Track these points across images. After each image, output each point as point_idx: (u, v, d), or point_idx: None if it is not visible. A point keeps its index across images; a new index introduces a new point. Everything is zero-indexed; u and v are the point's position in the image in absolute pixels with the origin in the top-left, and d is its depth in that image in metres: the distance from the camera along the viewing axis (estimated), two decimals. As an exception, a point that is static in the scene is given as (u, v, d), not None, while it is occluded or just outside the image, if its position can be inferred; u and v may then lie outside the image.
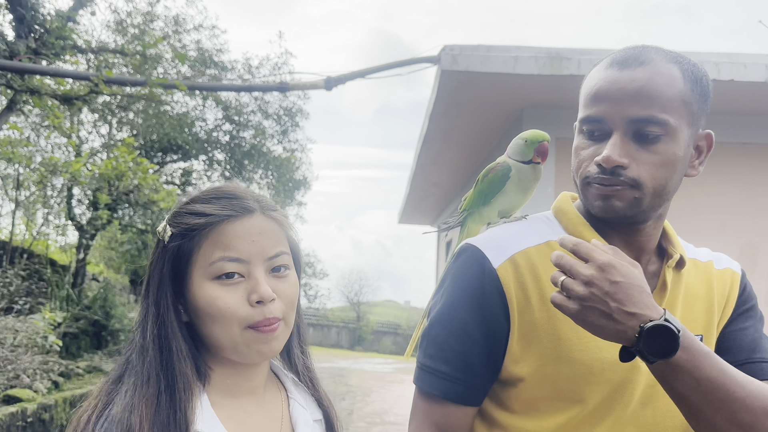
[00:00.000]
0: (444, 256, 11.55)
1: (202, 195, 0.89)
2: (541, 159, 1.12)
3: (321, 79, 4.64)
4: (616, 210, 0.96)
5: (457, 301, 1.02)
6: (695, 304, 1.05)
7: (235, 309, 0.84)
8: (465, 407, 1.02)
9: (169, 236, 0.86)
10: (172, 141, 10.53)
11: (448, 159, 7.42)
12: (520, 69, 4.47)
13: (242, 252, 0.85)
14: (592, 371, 0.97)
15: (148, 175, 7.59)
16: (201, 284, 0.85)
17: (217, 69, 10.71)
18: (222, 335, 0.85)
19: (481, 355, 1.00)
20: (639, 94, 0.93)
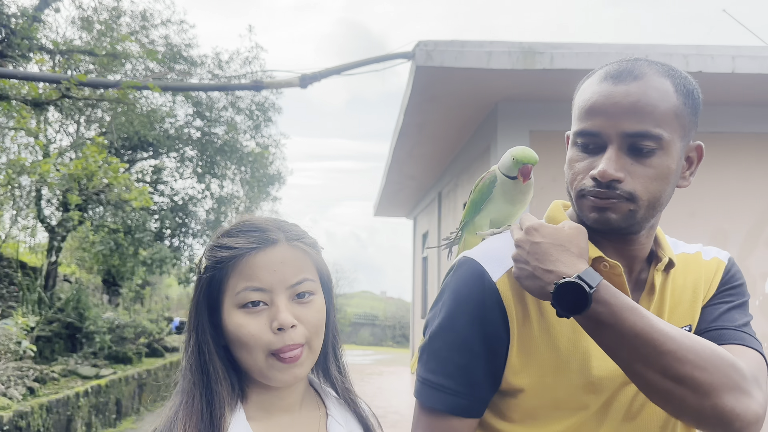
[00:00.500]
0: (420, 246, 11.61)
1: (231, 229, 0.96)
2: (523, 179, 1.13)
3: (296, 77, 4.61)
4: (610, 222, 0.98)
5: (457, 314, 1.02)
6: (683, 297, 1.07)
7: (258, 336, 0.90)
8: (468, 420, 1.03)
9: (204, 267, 0.93)
10: (142, 138, 10.36)
11: (423, 152, 7.45)
12: (493, 64, 4.51)
13: (264, 281, 0.91)
14: (589, 380, 0.99)
15: (119, 174, 7.46)
16: (230, 312, 0.91)
17: (187, 64, 10.55)
18: (248, 360, 0.91)
19: (482, 368, 1.01)
20: (634, 109, 0.95)
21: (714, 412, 0.87)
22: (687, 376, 0.87)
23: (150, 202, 7.79)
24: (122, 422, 7.58)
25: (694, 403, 0.87)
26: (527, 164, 1.12)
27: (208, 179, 12.55)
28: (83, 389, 6.51)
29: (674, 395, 0.88)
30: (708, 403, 0.87)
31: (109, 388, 7.18)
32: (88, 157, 7.08)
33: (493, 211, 1.19)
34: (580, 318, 0.91)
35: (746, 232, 5.12)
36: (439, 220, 8.95)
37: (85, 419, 6.55)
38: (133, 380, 8.01)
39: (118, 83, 4.50)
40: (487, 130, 5.73)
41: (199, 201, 12.84)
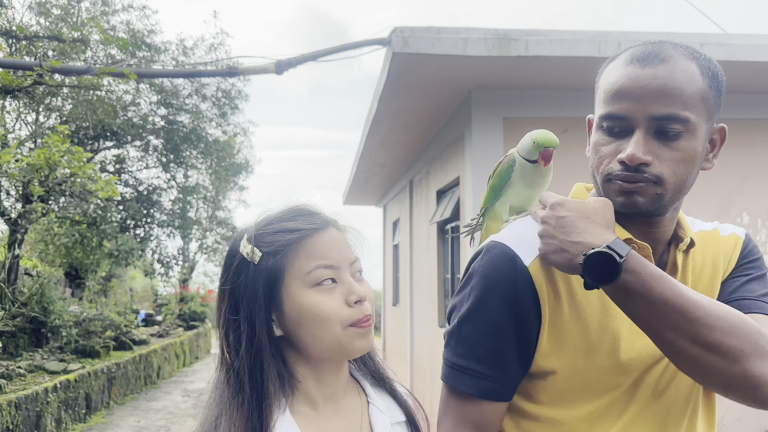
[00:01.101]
0: (390, 235, 11.62)
1: (284, 214, 0.97)
2: (544, 162, 1.13)
3: (271, 63, 4.53)
4: (638, 206, 0.98)
5: (488, 299, 1.02)
6: (703, 274, 1.09)
7: (337, 310, 0.92)
8: (499, 403, 1.03)
9: (259, 257, 0.91)
10: (105, 127, 10.10)
11: (396, 140, 7.44)
12: (469, 51, 4.51)
13: (333, 259, 0.94)
14: (619, 362, 1.00)
15: (83, 164, 7.25)
16: (301, 293, 0.91)
17: (150, 51, 10.30)
18: (326, 337, 0.91)
19: (513, 352, 1.01)
20: (662, 92, 0.95)
21: (743, 378, 0.89)
22: (716, 342, 0.88)
23: (116, 193, 7.61)
24: (92, 417, 7.44)
25: (724, 369, 0.89)
26: (549, 147, 1.11)
27: (173, 168, 12.33)
28: (52, 384, 6.35)
29: (704, 362, 0.90)
30: (737, 369, 0.88)
31: (78, 383, 7.03)
32: (50, 146, 6.86)
33: (513, 195, 1.18)
34: (610, 288, 0.92)
35: (713, 215, 5.26)
36: (411, 208, 8.97)
37: (55, 415, 6.41)
38: (102, 374, 7.86)
39: (92, 69, 4.34)
40: (460, 117, 5.75)
41: (165, 191, 12.61)
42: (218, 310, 0.95)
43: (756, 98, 5.25)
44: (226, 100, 11.93)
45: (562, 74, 4.88)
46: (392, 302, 11.47)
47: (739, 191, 5.31)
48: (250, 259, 0.92)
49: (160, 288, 16.88)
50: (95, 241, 9.76)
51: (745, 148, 5.24)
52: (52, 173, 7.26)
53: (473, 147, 5.27)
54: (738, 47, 4.46)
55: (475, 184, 5.25)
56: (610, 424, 1.01)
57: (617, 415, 1.01)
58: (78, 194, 7.89)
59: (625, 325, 1.01)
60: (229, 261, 0.95)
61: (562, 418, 1.02)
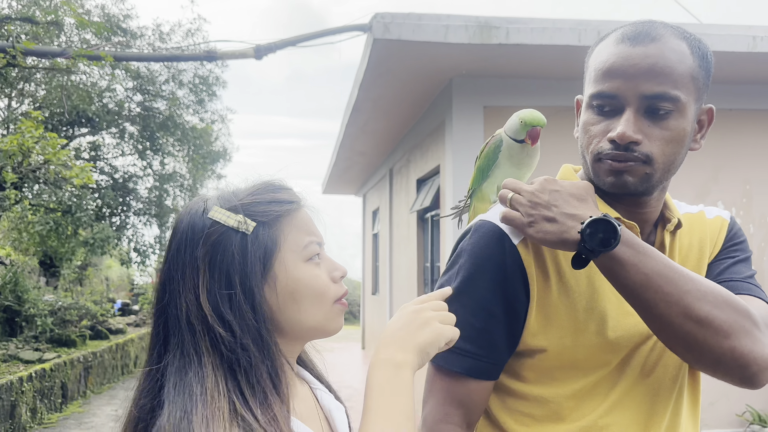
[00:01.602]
0: (370, 224, 11.62)
1: (266, 186, 0.92)
2: (531, 142, 1.12)
3: (250, 48, 4.48)
4: (627, 185, 0.99)
5: (477, 277, 1.02)
6: (689, 255, 1.10)
7: (329, 285, 0.91)
8: (486, 381, 1.04)
9: (254, 227, 0.87)
10: (80, 113, 9.91)
11: (376, 128, 7.41)
12: (450, 38, 4.51)
13: (318, 235, 0.93)
14: (606, 340, 1.01)
15: (57, 151, 7.11)
16: (297, 266, 0.88)
17: (126, 36, 10.11)
18: (318, 312, 0.89)
19: (501, 331, 1.01)
20: (653, 71, 0.95)
21: (732, 355, 0.90)
22: (708, 316, 0.90)
23: (92, 180, 7.47)
24: (69, 406, 7.35)
25: (714, 345, 0.90)
26: (536, 127, 1.10)
27: (149, 156, 12.15)
28: (27, 374, 6.26)
29: (694, 337, 0.91)
30: (727, 345, 0.90)
31: (53, 372, 6.94)
32: (24, 132, 6.72)
33: (500, 176, 1.17)
34: (605, 260, 0.93)
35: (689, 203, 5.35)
36: (391, 197, 8.97)
37: (30, 404, 6.32)
38: (79, 363, 7.76)
39: (67, 52, 4.24)
40: (441, 105, 5.75)
41: (141, 179, 12.43)
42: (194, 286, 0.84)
43: (731, 89, 5.33)
44: (203, 87, 11.76)
45: (543, 63, 4.90)
46: (371, 291, 11.49)
47: (714, 180, 5.40)
48: (243, 230, 0.86)
49: (137, 277, 16.69)
50: (70, 229, 9.60)
51: (720, 138, 5.33)
52: (26, 160, 7.11)
53: (453, 135, 5.28)
54: (714, 37, 4.52)
55: (456, 173, 5.26)
56: (598, 403, 1.01)
57: (605, 394, 1.02)
58: (52, 181, 7.76)
59: (613, 304, 1.02)
60: (196, 232, 0.86)
61: (549, 396, 1.02)
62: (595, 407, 1.01)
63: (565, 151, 3.24)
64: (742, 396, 5.26)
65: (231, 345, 0.81)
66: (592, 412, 1.01)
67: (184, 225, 0.88)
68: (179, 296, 0.84)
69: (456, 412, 1.03)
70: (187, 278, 0.84)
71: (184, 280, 0.85)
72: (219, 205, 0.88)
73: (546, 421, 1.02)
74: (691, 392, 1.09)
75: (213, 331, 0.82)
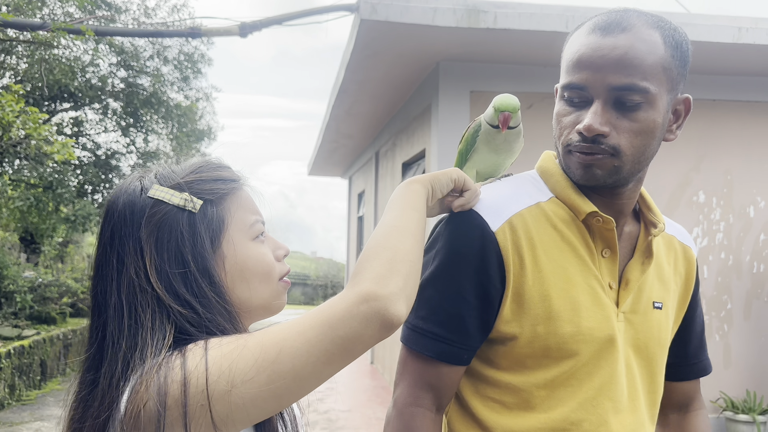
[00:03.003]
0: (356, 207, 11.60)
1: (207, 165, 0.90)
2: (501, 127, 1.10)
3: (235, 25, 4.41)
4: (596, 178, 0.99)
5: (453, 263, 1.02)
6: (663, 272, 1.11)
7: (274, 263, 0.90)
8: (457, 367, 1.04)
9: (200, 205, 0.85)
10: (62, 88, 9.75)
11: (363, 111, 7.37)
12: (438, 21, 4.48)
13: (261, 214, 0.92)
14: (579, 329, 1.00)
15: (39, 126, 7.00)
16: (245, 245, 0.87)
17: (110, 11, 9.93)
18: (266, 290, 0.89)
19: (474, 317, 1.01)
20: (621, 62, 0.94)
21: None
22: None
23: (73, 156, 7.38)
24: (48, 383, 7.32)
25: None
26: (505, 111, 1.08)
27: (133, 133, 12.01)
28: (5, 350, 6.22)
29: None
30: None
31: (32, 349, 6.90)
32: (4, 106, 6.60)
33: (479, 161, 1.16)
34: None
35: (670, 193, 5.39)
36: (376, 180, 8.95)
37: (8, 381, 6.28)
38: (58, 340, 7.72)
39: (47, 24, 4.14)
40: (427, 89, 5.72)
41: (124, 156, 12.29)
42: (144, 266, 0.80)
43: (715, 79, 5.36)
44: (188, 64, 11.62)
45: (530, 48, 4.89)
46: (355, 273, 11.50)
47: (696, 170, 5.45)
48: (190, 208, 0.83)
49: (119, 255, 16.55)
50: (51, 205, 9.49)
51: (702, 128, 5.36)
52: (6, 134, 7.00)
53: (439, 120, 5.27)
54: (700, 27, 4.53)
55: (441, 157, 5.26)
56: (569, 396, 1.01)
57: (577, 386, 1.01)
58: (33, 156, 7.65)
59: (587, 294, 1.02)
60: (138, 210, 0.82)
61: (520, 384, 1.02)
62: (567, 400, 1.01)
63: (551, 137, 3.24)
64: (717, 383, 5.36)
65: (194, 321, 0.80)
66: (563, 405, 1.01)
67: (120, 205, 0.84)
68: (119, 279, 0.81)
69: (426, 395, 1.03)
70: (129, 260, 0.81)
71: (124, 263, 0.81)
72: (159, 183, 0.85)
73: (517, 409, 1.02)
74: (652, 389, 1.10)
75: (168, 310, 0.79)
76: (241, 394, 0.71)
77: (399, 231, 0.87)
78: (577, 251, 1.03)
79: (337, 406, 6.34)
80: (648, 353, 1.08)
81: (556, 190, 1.07)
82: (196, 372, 0.71)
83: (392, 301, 0.76)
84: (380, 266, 0.80)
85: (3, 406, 6.12)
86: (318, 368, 0.73)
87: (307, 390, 0.75)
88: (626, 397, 1.04)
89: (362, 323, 0.74)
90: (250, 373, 0.71)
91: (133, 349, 0.77)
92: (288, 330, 0.74)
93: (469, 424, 1.05)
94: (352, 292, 0.76)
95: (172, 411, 0.70)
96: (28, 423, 5.74)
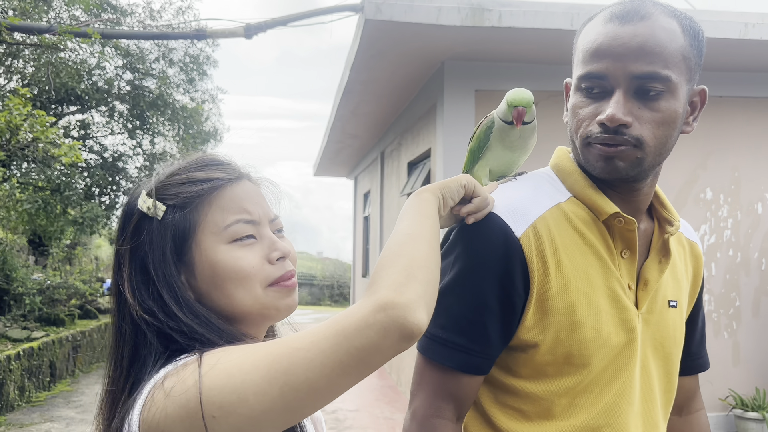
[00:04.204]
0: (362, 207, 11.61)
1: (192, 164, 0.87)
2: (516, 123, 1.05)
3: (240, 27, 4.43)
4: (618, 171, 0.96)
5: (475, 270, 0.97)
6: (676, 270, 1.10)
7: (258, 267, 0.83)
8: (478, 377, 1.00)
9: (163, 211, 0.82)
10: (69, 91, 9.80)
11: (368, 111, 7.38)
12: (443, 20, 4.48)
13: (252, 214, 0.85)
14: (600, 335, 0.98)
15: (46, 128, 7.04)
16: (216, 249, 0.82)
17: (116, 13, 9.98)
18: (245, 297, 0.83)
19: (496, 325, 0.97)
20: (642, 50, 0.91)
21: None
22: None
23: (80, 158, 7.41)
24: (57, 385, 7.36)
25: None
26: (519, 107, 1.04)
27: (139, 135, 12.06)
28: (14, 352, 6.26)
29: None
30: None
31: (42, 351, 6.94)
32: (12, 109, 6.64)
33: (492, 159, 1.11)
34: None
35: (677, 190, 5.37)
36: (382, 180, 8.95)
37: (18, 383, 6.32)
38: (67, 342, 7.76)
39: (54, 28, 4.16)
40: (432, 88, 5.72)
41: (131, 158, 12.34)
42: (118, 275, 0.82)
43: (722, 75, 5.34)
44: (194, 66, 11.66)
45: (535, 47, 4.88)
46: (362, 274, 11.51)
47: (703, 167, 5.42)
48: (153, 215, 0.81)
49: (127, 257, 16.60)
50: (59, 208, 9.54)
51: (710, 125, 5.34)
52: (14, 137, 7.04)
53: (445, 119, 5.26)
54: (706, 23, 4.51)
55: (446, 157, 5.26)
56: (590, 403, 0.99)
57: (598, 392, 0.99)
58: (41, 159, 7.68)
59: (606, 299, 1.00)
60: (126, 219, 0.83)
61: (541, 393, 0.99)
62: (588, 406, 0.99)
63: (558, 136, 3.23)
64: (726, 381, 5.33)
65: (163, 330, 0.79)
66: (584, 412, 0.98)
67: (123, 210, 0.86)
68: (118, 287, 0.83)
69: (447, 406, 0.99)
70: (118, 269, 0.83)
71: (115, 269, 0.84)
72: (144, 189, 0.84)
73: (537, 418, 0.99)
74: (667, 390, 1.09)
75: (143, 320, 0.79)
76: (251, 407, 0.68)
77: (413, 238, 0.83)
78: (598, 253, 1.00)
79: (345, 405, 6.35)
80: (665, 352, 1.06)
81: (574, 189, 1.04)
82: (206, 383, 0.69)
83: (411, 309, 0.71)
84: (397, 274, 0.76)
85: (13, 408, 6.16)
86: (333, 380, 0.69)
87: (322, 403, 0.71)
88: (640, 398, 1.03)
89: (380, 333, 0.69)
90: (262, 385, 0.68)
91: (130, 357, 0.80)
92: (301, 340, 0.70)
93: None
94: (369, 301, 0.71)
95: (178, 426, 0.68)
96: (38, 424, 5.77)
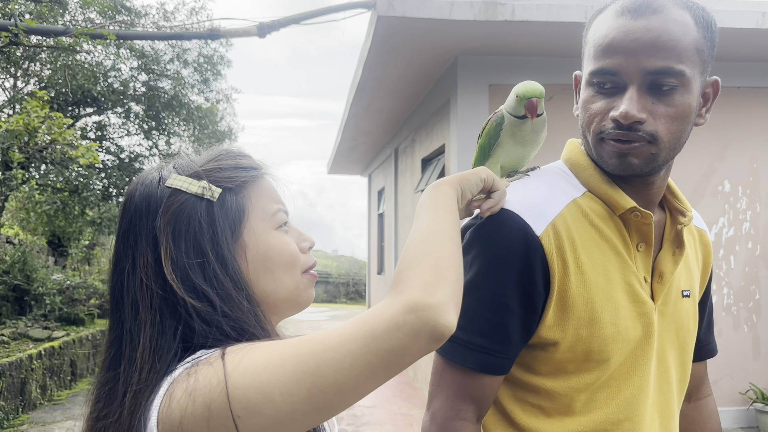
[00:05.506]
0: (376, 205, 11.62)
1: (227, 153, 0.87)
2: (530, 115, 1.03)
3: (253, 26, 4.45)
4: (633, 167, 0.95)
5: (494, 270, 0.96)
6: (688, 260, 1.09)
7: (299, 253, 0.86)
8: (498, 377, 0.99)
9: (219, 193, 0.81)
10: (85, 93, 9.90)
11: (381, 107, 7.38)
12: (455, 15, 4.47)
13: (284, 204, 0.88)
14: (618, 330, 0.98)
15: (63, 130, 7.12)
16: (267, 234, 0.83)
17: (130, 15, 10.06)
18: (290, 282, 0.85)
19: (517, 325, 0.97)
20: (655, 45, 0.90)
21: None
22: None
23: (98, 159, 7.49)
24: (78, 383, 7.46)
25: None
26: (532, 98, 1.02)
27: (155, 136, 12.16)
28: (36, 352, 6.35)
29: None
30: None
31: (62, 350, 7.03)
32: (29, 112, 6.73)
33: (503, 155, 1.09)
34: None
35: (694, 183, 5.32)
36: (396, 177, 8.95)
37: (40, 382, 6.41)
38: (87, 341, 7.86)
39: (70, 30, 4.20)
40: (446, 84, 5.71)
41: (147, 158, 12.44)
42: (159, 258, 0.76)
43: (740, 66, 5.27)
44: (208, 66, 11.73)
45: (549, 40, 4.86)
46: (377, 271, 11.53)
47: (721, 159, 5.36)
48: (208, 196, 0.80)
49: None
50: (77, 209, 9.65)
51: (727, 116, 5.28)
52: (32, 139, 7.13)
53: (458, 114, 5.25)
54: (723, 13, 4.45)
55: (460, 152, 5.24)
56: (610, 398, 0.99)
57: (616, 387, 0.99)
58: (59, 161, 7.78)
59: (624, 293, 0.99)
60: (153, 203, 0.79)
61: (561, 390, 0.99)
62: (608, 401, 0.99)
63: (571, 128, 3.22)
64: (746, 374, 5.28)
65: (209, 316, 0.75)
66: (604, 407, 0.98)
67: (137, 197, 0.81)
68: (134, 273, 0.78)
69: (468, 408, 0.98)
70: (142, 253, 0.78)
71: (140, 256, 0.78)
72: (177, 172, 0.82)
73: (557, 414, 0.99)
74: (682, 380, 1.09)
75: (182, 305, 0.75)
76: (278, 408, 0.66)
77: (438, 235, 0.80)
78: (615, 247, 1.00)
79: (362, 401, 6.37)
80: (679, 342, 1.06)
81: (589, 184, 1.03)
82: (231, 382, 0.66)
83: (442, 310, 0.69)
84: (425, 273, 0.73)
85: (35, 406, 6.25)
86: (361, 382, 0.68)
87: (349, 404, 0.70)
88: (656, 390, 1.02)
89: (409, 335, 0.67)
90: (289, 386, 0.66)
91: (151, 349, 0.74)
92: (328, 339, 0.68)
93: (509, 430, 1.02)
94: (397, 302, 0.69)
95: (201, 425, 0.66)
96: (60, 422, 5.86)
